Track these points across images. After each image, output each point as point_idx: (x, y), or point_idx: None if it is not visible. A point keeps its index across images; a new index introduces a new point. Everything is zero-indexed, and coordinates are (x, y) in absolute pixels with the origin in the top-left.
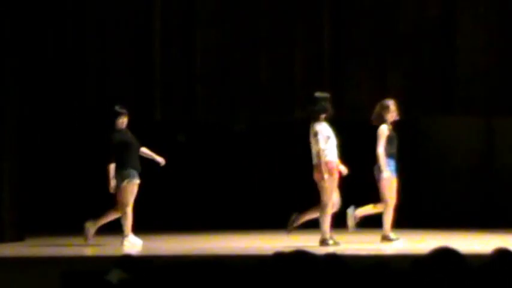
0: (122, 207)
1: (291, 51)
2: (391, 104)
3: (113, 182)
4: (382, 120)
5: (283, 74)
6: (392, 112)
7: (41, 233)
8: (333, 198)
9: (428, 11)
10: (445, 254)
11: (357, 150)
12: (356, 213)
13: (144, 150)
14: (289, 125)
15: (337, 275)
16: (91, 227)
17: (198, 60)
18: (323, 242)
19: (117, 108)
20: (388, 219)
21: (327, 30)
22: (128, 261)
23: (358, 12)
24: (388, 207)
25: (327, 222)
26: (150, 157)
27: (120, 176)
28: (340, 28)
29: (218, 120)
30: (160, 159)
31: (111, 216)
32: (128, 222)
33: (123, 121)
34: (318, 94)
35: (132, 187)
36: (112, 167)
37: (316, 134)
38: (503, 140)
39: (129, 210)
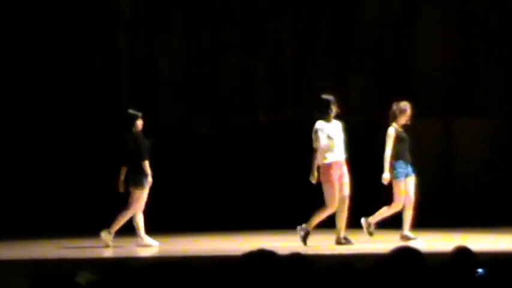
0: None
1: (253, 55)
2: (408, 108)
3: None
4: (394, 121)
5: (246, 77)
6: (407, 116)
7: (10, 236)
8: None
9: (388, 13)
10: (405, 253)
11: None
12: (369, 220)
13: None
14: (254, 128)
15: (302, 274)
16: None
17: (162, 64)
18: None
19: (132, 111)
20: (383, 215)
21: (289, 32)
22: (96, 263)
23: (319, 14)
24: (392, 209)
25: (316, 220)
26: None
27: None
28: (301, 30)
29: (183, 124)
30: None
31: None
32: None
33: (141, 123)
34: (322, 96)
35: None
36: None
37: (316, 132)
38: (461, 141)
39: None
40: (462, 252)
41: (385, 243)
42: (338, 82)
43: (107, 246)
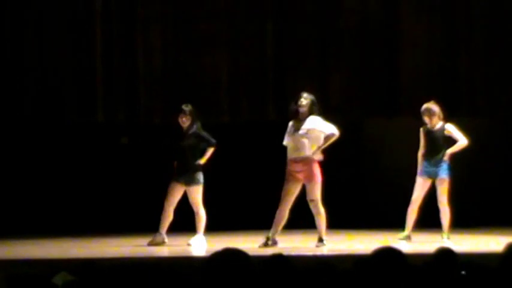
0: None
1: (233, 52)
2: (438, 111)
3: None
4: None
5: (225, 76)
6: (436, 118)
7: None
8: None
9: (370, 11)
10: (387, 254)
11: None
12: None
13: None
14: (233, 126)
15: (282, 275)
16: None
17: (140, 60)
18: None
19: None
20: (408, 217)
21: (270, 32)
22: (73, 263)
23: (300, 14)
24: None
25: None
26: None
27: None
28: (282, 30)
29: (160, 122)
30: None
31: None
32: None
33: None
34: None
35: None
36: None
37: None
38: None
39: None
40: (445, 254)
41: (366, 244)
42: (318, 81)
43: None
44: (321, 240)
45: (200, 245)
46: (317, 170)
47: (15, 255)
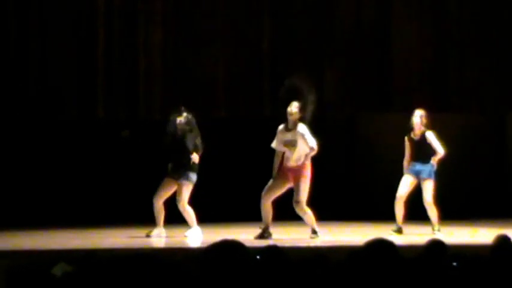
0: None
1: (230, 49)
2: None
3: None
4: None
5: (223, 73)
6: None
7: None
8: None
9: (364, 9)
10: (379, 245)
11: None
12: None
13: None
14: (231, 122)
15: (276, 266)
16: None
17: (140, 59)
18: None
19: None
20: (396, 212)
21: (266, 30)
22: (72, 254)
23: (295, 12)
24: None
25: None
26: None
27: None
28: (278, 28)
29: (160, 118)
30: None
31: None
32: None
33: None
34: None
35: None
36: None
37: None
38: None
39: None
40: (436, 245)
41: (359, 235)
42: (313, 78)
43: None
44: (314, 232)
45: (196, 236)
46: (308, 173)
47: (14, 247)
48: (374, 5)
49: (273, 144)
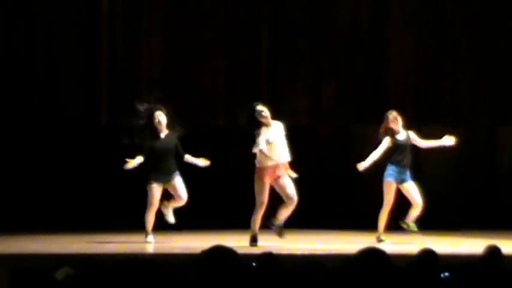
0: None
1: (231, 60)
2: (389, 114)
3: None
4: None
5: (222, 81)
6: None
7: None
8: (262, 200)
9: (361, 20)
10: (371, 254)
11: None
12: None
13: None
14: (229, 130)
15: (271, 273)
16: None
17: (143, 66)
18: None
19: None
20: (380, 220)
21: (264, 38)
22: (74, 258)
23: (294, 23)
24: (382, 209)
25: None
26: None
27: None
28: (277, 38)
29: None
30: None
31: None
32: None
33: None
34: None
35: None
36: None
37: (254, 137)
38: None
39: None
40: (427, 255)
41: (354, 244)
42: (310, 87)
43: None
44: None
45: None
46: (256, 176)
47: (17, 250)
48: (371, 16)
49: None
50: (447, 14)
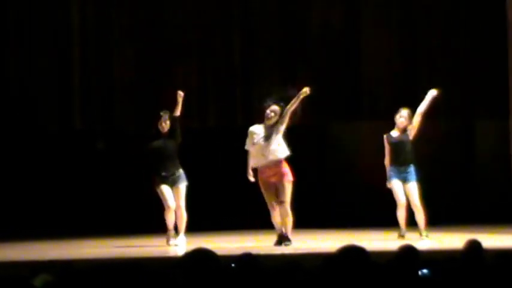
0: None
1: (203, 61)
2: (399, 110)
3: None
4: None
5: (194, 83)
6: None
7: None
8: (266, 201)
9: (333, 19)
10: (351, 252)
11: None
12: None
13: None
14: (203, 132)
15: (251, 274)
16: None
17: (115, 70)
18: None
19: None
20: (399, 218)
21: (237, 41)
22: (52, 265)
23: (265, 23)
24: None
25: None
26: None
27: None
28: (249, 39)
29: (135, 129)
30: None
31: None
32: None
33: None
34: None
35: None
36: None
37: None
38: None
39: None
40: (407, 251)
41: (332, 242)
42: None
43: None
44: (288, 239)
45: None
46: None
47: None
48: (343, 14)
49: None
50: (419, 11)
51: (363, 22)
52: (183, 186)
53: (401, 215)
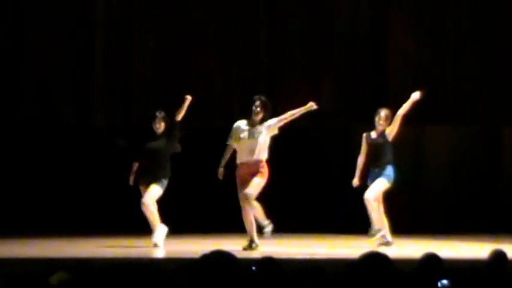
0: None
1: (225, 58)
2: (377, 111)
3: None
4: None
5: (217, 80)
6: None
7: None
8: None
9: (360, 19)
10: (373, 258)
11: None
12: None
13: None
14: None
15: (272, 278)
16: None
17: (137, 67)
18: None
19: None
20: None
21: (262, 38)
22: (69, 263)
23: (292, 22)
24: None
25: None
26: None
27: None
28: (273, 38)
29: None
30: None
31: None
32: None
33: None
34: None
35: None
36: None
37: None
38: (432, 148)
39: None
40: (431, 259)
41: (355, 248)
42: (309, 87)
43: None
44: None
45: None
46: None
47: (12, 255)
48: (369, 16)
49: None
50: (447, 12)
51: (390, 21)
52: (154, 186)
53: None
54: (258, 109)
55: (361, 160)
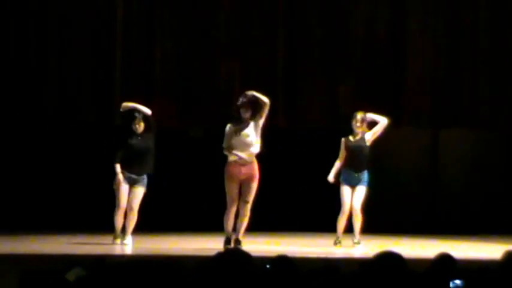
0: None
1: (246, 62)
2: (354, 115)
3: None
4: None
5: (237, 83)
6: (353, 123)
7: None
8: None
9: (378, 25)
10: (388, 258)
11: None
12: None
13: None
14: None
15: (286, 276)
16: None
17: (157, 69)
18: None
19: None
20: (338, 224)
21: (281, 43)
22: (85, 259)
23: (310, 26)
24: (340, 214)
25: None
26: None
27: None
28: (292, 41)
29: (175, 126)
30: None
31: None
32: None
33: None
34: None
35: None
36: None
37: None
38: (448, 151)
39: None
40: (445, 260)
41: (370, 247)
42: (327, 91)
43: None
44: (240, 242)
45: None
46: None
47: (28, 251)
48: (388, 20)
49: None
50: (465, 15)
51: (408, 25)
52: (140, 189)
53: (341, 221)
54: (244, 109)
55: (339, 165)
